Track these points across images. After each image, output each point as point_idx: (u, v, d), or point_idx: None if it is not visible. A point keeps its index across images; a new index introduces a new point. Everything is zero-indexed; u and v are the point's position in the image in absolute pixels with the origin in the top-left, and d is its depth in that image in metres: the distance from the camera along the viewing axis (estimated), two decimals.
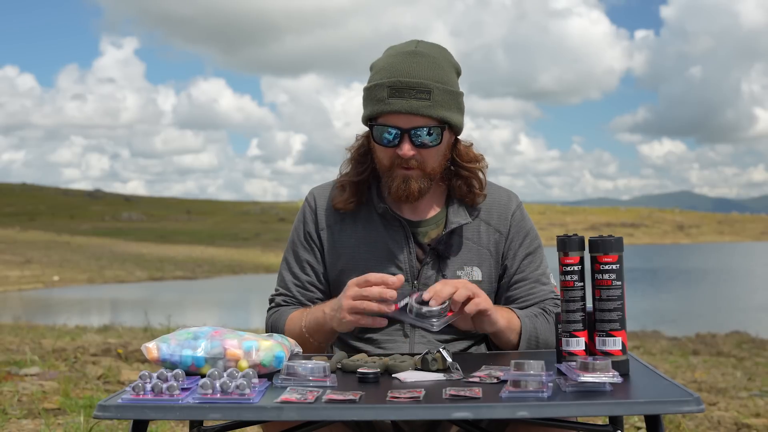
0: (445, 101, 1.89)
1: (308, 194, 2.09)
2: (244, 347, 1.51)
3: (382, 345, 1.96)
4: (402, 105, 1.85)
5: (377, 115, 1.89)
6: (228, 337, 1.53)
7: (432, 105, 1.86)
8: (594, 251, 1.55)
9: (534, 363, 1.39)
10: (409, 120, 1.86)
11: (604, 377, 1.39)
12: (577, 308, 1.56)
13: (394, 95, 1.86)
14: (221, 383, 1.37)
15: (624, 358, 1.54)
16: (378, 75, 1.92)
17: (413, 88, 1.85)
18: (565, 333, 1.57)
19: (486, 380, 1.49)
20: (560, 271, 1.58)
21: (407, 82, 1.86)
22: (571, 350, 1.56)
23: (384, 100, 1.87)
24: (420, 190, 1.91)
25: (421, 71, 1.88)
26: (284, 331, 1.94)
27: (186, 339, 1.54)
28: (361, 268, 1.93)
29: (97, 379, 5.35)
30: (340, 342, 2.04)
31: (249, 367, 1.49)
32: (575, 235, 1.58)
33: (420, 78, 1.86)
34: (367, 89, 1.93)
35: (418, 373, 1.55)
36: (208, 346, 1.52)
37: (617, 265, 1.54)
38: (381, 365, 1.58)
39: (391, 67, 1.90)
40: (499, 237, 2.01)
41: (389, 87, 1.86)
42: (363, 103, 1.96)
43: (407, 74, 1.87)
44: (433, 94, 1.87)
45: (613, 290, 1.54)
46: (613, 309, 1.54)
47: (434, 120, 1.87)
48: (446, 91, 1.89)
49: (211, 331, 1.56)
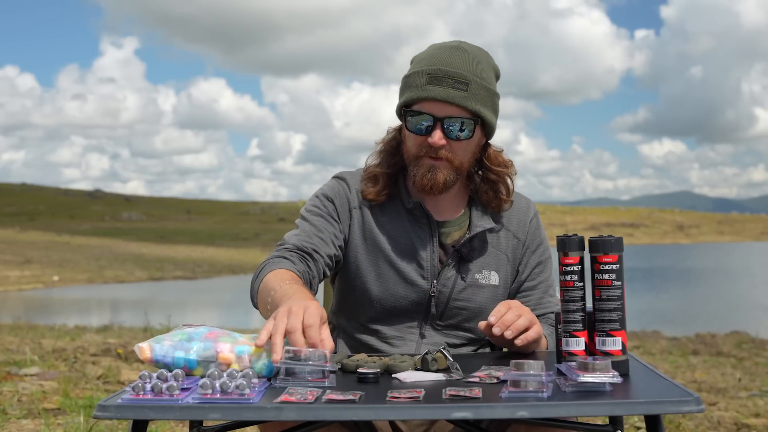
0: (482, 96, 1.89)
1: (337, 176, 2.03)
2: (236, 352, 1.50)
3: (390, 341, 1.95)
4: (439, 92, 1.85)
5: (413, 102, 1.89)
6: (222, 341, 1.51)
7: (468, 97, 1.86)
8: (594, 251, 1.55)
9: (534, 363, 1.39)
10: (444, 109, 1.85)
11: (603, 377, 1.39)
12: (577, 308, 1.56)
13: (432, 82, 1.86)
14: (221, 383, 1.37)
15: (624, 358, 1.54)
16: (418, 64, 1.93)
17: (452, 77, 1.86)
18: (565, 333, 1.57)
19: (486, 380, 1.49)
20: (560, 271, 1.58)
21: (446, 71, 1.86)
22: (570, 350, 1.56)
23: (422, 86, 1.87)
24: (446, 181, 1.89)
25: (462, 64, 1.88)
26: (260, 279, 1.80)
27: (180, 340, 1.53)
28: (381, 259, 1.93)
29: (97, 379, 5.35)
30: (345, 334, 2.03)
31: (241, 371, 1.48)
32: (575, 235, 1.58)
33: (460, 69, 1.87)
34: (405, 77, 1.94)
35: (418, 374, 1.55)
36: (201, 348, 1.51)
37: (617, 265, 1.54)
38: (381, 365, 1.57)
39: (432, 57, 1.91)
40: (517, 243, 2.01)
41: (428, 74, 1.87)
42: (400, 92, 1.96)
43: (448, 64, 1.88)
44: (471, 87, 1.87)
45: (613, 290, 1.54)
46: (613, 309, 1.54)
47: (469, 112, 1.86)
48: (484, 87, 1.89)
49: (206, 333, 1.54)
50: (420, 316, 1.96)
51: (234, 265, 38.76)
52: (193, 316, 14.53)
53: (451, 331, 1.97)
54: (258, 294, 1.80)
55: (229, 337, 1.53)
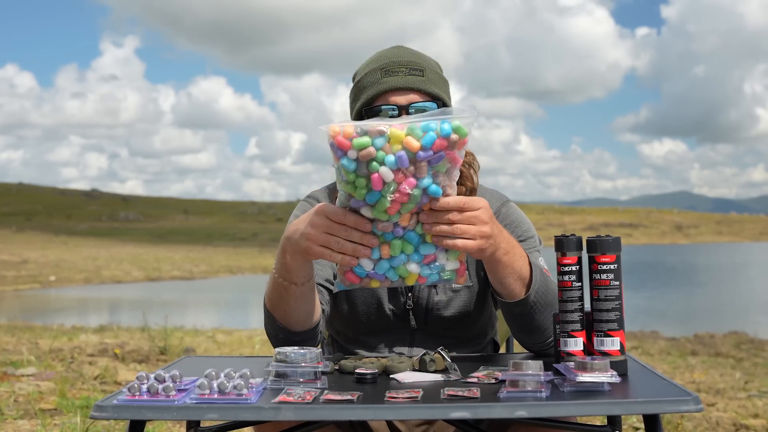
0: (438, 81, 1.89)
1: (308, 196, 2.02)
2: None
3: (382, 351, 1.94)
4: (398, 80, 1.85)
5: (372, 100, 1.87)
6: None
7: (426, 81, 1.86)
8: (592, 251, 1.55)
9: (532, 363, 1.39)
10: (406, 96, 1.85)
11: (602, 377, 1.39)
12: (575, 308, 1.56)
13: (388, 74, 1.86)
14: (218, 383, 1.37)
15: (622, 359, 1.54)
16: (366, 67, 1.92)
17: (405, 66, 1.87)
18: (563, 333, 1.57)
19: (484, 381, 1.49)
20: (558, 271, 1.59)
21: (399, 61, 1.87)
22: (569, 350, 1.56)
23: (378, 81, 1.87)
24: None
25: (410, 55, 1.90)
26: (266, 296, 1.74)
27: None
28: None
29: (94, 379, 5.34)
30: (338, 344, 2.03)
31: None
32: (573, 236, 1.58)
33: (411, 58, 1.89)
34: (356, 84, 1.93)
35: (417, 374, 1.55)
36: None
37: (615, 265, 1.54)
38: (379, 366, 1.58)
39: (380, 56, 1.92)
40: None
41: (382, 69, 1.87)
42: (352, 100, 1.94)
43: (397, 56, 1.89)
44: (426, 72, 1.88)
45: (611, 290, 1.54)
46: (611, 309, 1.54)
47: (430, 97, 1.86)
48: (437, 73, 1.91)
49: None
50: (407, 327, 1.94)
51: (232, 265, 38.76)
52: (191, 315, 14.52)
53: (441, 336, 1.93)
54: (268, 299, 1.72)
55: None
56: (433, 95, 1.86)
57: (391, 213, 1.44)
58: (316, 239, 1.50)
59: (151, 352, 6.79)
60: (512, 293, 1.68)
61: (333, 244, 1.48)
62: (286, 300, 1.68)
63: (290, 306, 1.69)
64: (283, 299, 1.68)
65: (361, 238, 1.47)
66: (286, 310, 1.69)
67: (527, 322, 1.72)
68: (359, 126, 1.41)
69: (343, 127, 1.41)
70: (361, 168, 1.41)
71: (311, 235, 1.51)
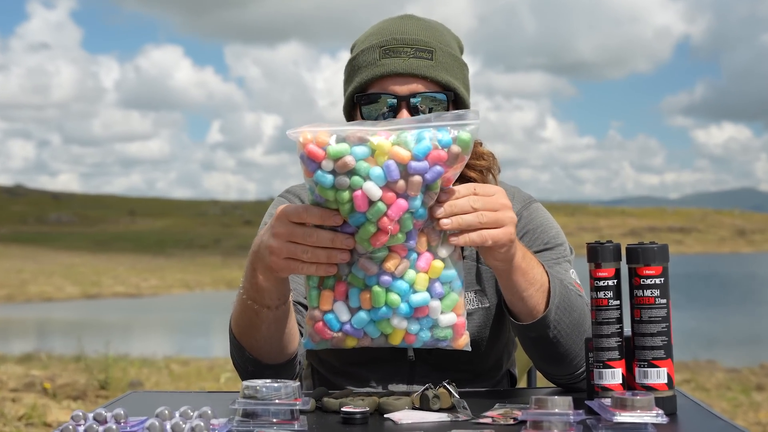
0: (450, 66, 1.86)
1: (286, 191, 2.03)
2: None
3: (374, 385, 1.94)
4: (398, 64, 1.82)
5: (366, 85, 1.86)
6: None
7: (435, 66, 1.83)
8: (633, 262, 1.56)
9: (559, 399, 1.40)
10: (408, 84, 1.82)
11: (645, 417, 1.40)
12: (613, 332, 1.57)
13: (387, 55, 1.83)
14: (172, 425, 1.37)
15: (670, 394, 1.55)
16: (365, 41, 1.90)
17: (411, 45, 1.83)
18: (597, 363, 1.58)
19: (500, 421, 1.50)
20: (591, 286, 1.59)
21: (403, 39, 1.84)
22: (604, 384, 1.57)
23: (375, 62, 1.84)
24: None
25: (420, 30, 1.86)
26: (232, 319, 1.74)
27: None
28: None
29: (18, 420, 5.33)
30: (320, 376, 2.03)
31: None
32: (610, 242, 1.59)
33: (419, 35, 1.85)
34: (351, 61, 1.92)
35: (417, 413, 1.56)
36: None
37: (661, 279, 1.55)
38: (371, 403, 1.58)
39: (382, 29, 1.89)
40: None
41: (382, 47, 1.85)
42: (345, 80, 1.94)
43: (403, 32, 1.86)
44: (436, 54, 1.84)
45: (656, 310, 1.55)
46: (657, 333, 1.54)
47: (438, 85, 1.84)
48: (451, 55, 1.87)
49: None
50: (404, 359, 1.93)
51: (188, 279, 38.73)
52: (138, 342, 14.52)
53: (447, 370, 1.89)
54: (234, 324, 1.72)
55: None
56: (443, 84, 1.84)
57: (376, 245, 1.44)
58: (280, 252, 1.49)
59: (89, 387, 6.78)
60: (536, 308, 1.68)
61: (301, 254, 1.47)
62: (256, 326, 1.67)
63: (262, 333, 1.68)
64: (253, 325, 1.67)
65: (333, 239, 1.45)
66: (257, 338, 1.69)
67: (550, 348, 1.72)
68: (336, 132, 1.41)
69: (315, 134, 1.41)
70: (341, 182, 1.40)
71: (274, 247, 1.50)
